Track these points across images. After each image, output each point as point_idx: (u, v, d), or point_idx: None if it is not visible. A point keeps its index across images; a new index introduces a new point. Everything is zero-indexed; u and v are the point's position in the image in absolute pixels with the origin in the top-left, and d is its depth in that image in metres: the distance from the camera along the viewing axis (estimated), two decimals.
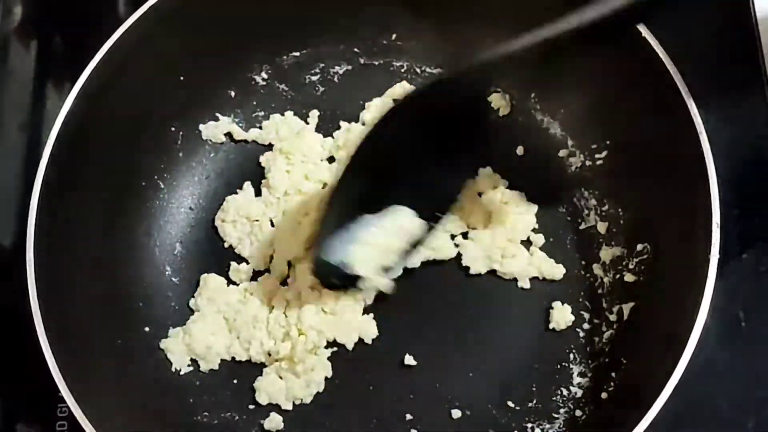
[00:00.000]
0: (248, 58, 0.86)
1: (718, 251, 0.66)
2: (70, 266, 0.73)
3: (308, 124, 0.86)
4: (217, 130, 0.85)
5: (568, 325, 0.77)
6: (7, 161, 0.86)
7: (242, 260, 0.81)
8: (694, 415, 0.74)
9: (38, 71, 0.90)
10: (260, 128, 0.86)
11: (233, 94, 0.86)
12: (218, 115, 0.86)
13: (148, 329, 0.78)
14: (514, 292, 0.79)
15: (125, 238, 0.80)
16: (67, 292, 0.72)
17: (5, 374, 0.79)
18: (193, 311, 0.80)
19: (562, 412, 0.75)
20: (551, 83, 0.81)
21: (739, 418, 0.74)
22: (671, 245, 0.73)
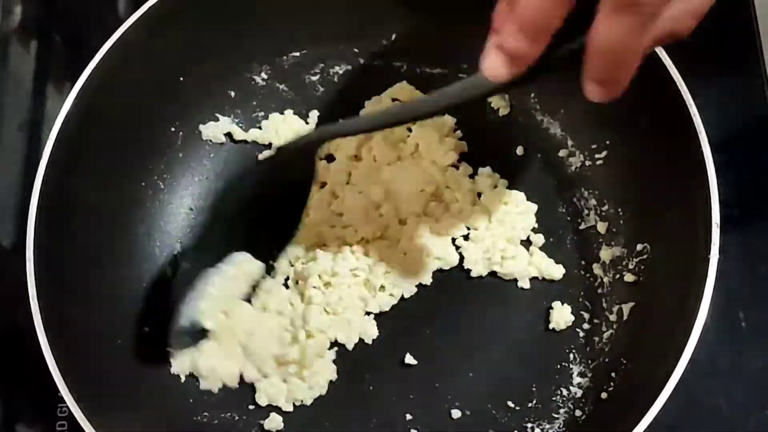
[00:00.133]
0: (248, 58, 0.85)
1: (717, 251, 0.66)
2: (70, 266, 0.73)
3: (308, 124, 0.86)
4: (217, 130, 0.85)
5: (568, 325, 0.77)
6: (7, 161, 0.86)
7: None
8: (694, 415, 0.74)
9: (38, 71, 0.90)
10: (260, 128, 0.86)
11: (233, 94, 0.86)
12: (218, 115, 0.86)
13: (147, 329, 0.78)
14: (514, 292, 0.79)
15: (125, 238, 0.80)
16: (67, 292, 0.71)
17: (5, 374, 0.78)
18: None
19: (562, 412, 0.75)
20: (551, 83, 0.81)
21: (739, 418, 0.74)
22: (671, 245, 0.73)
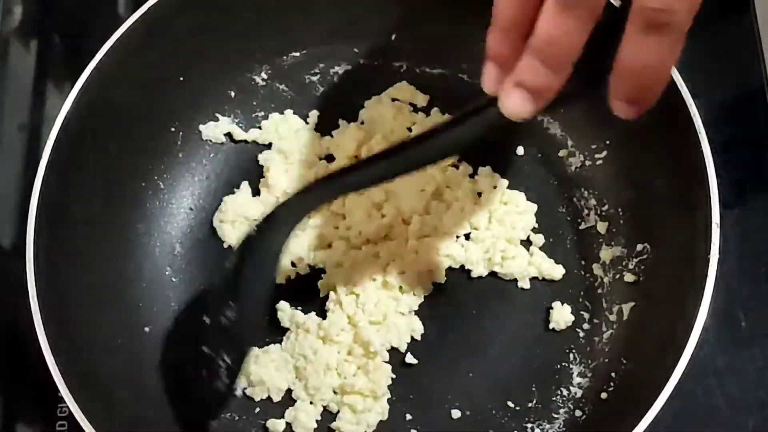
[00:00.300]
0: (248, 58, 0.85)
1: (717, 251, 0.66)
2: (70, 266, 0.73)
3: (308, 123, 0.86)
4: (217, 130, 0.85)
5: (568, 325, 0.77)
6: (7, 161, 0.86)
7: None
8: (694, 415, 0.74)
9: (38, 71, 0.90)
10: (260, 128, 0.86)
11: (233, 94, 0.86)
12: (218, 115, 0.86)
13: (148, 329, 0.78)
14: (514, 292, 0.79)
15: (125, 238, 0.80)
16: (67, 292, 0.71)
17: (5, 374, 0.78)
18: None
19: (562, 412, 0.75)
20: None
21: (739, 418, 0.74)
22: (671, 245, 0.73)
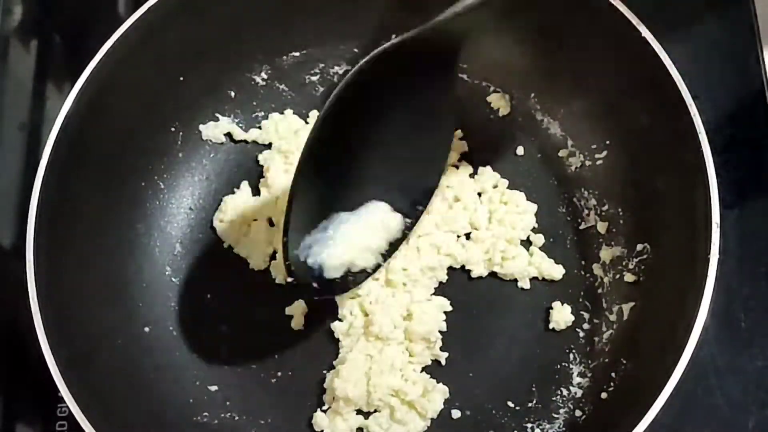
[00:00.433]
0: (248, 58, 0.85)
1: (718, 251, 0.66)
2: (69, 266, 0.73)
3: (308, 123, 0.86)
4: (217, 130, 0.85)
5: (568, 325, 0.77)
6: (7, 161, 0.86)
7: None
8: (694, 415, 0.74)
9: (38, 71, 0.90)
10: (260, 128, 0.86)
11: (233, 94, 0.86)
12: (218, 115, 0.86)
13: (148, 329, 0.78)
14: (514, 292, 0.79)
15: (125, 238, 0.80)
16: (67, 292, 0.71)
17: (5, 374, 0.78)
18: None
19: (562, 412, 0.75)
20: (551, 83, 0.82)
21: (739, 418, 0.74)
22: (671, 245, 0.73)
